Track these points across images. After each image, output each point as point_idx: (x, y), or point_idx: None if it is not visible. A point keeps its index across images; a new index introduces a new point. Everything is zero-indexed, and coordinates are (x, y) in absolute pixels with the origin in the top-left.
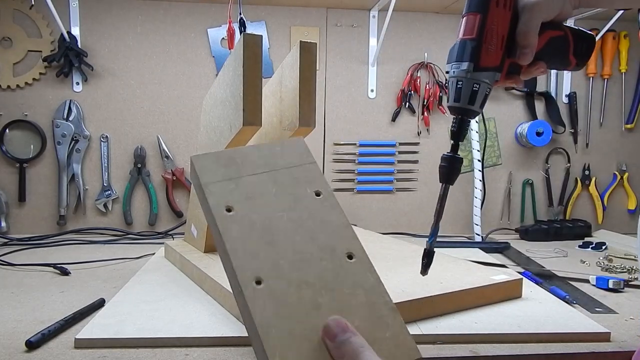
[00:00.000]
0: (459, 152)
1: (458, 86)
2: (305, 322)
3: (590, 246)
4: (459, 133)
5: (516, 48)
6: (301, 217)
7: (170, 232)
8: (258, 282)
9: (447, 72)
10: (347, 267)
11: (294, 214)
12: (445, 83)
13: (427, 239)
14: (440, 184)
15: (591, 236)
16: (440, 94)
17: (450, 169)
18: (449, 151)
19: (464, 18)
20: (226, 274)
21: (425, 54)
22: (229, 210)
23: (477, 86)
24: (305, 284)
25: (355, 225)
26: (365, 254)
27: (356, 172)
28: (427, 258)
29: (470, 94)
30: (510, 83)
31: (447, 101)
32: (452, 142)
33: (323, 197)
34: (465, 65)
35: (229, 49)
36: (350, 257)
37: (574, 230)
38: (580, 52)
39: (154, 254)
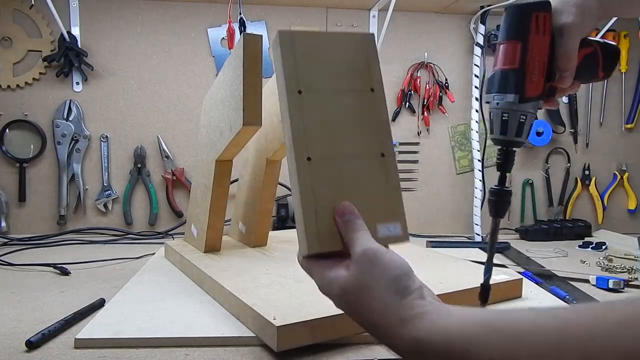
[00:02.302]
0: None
1: (504, 118)
2: (331, 199)
3: (590, 246)
4: (505, 165)
5: (555, 72)
6: (356, 111)
7: (170, 232)
8: (308, 159)
9: (488, 103)
10: (378, 164)
11: (350, 108)
12: (446, 83)
13: (482, 275)
14: (491, 217)
15: (591, 236)
16: (440, 94)
17: (500, 202)
18: (496, 184)
19: (502, 46)
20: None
21: (425, 54)
22: (299, 92)
23: (524, 118)
24: (342, 171)
25: None
26: (394, 155)
27: None
28: (484, 294)
29: (517, 126)
30: (547, 106)
31: (491, 133)
32: (499, 174)
33: (376, 93)
34: (511, 97)
35: (229, 49)
36: (382, 155)
37: (574, 230)
38: (608, 65)
39: (154, 254)
